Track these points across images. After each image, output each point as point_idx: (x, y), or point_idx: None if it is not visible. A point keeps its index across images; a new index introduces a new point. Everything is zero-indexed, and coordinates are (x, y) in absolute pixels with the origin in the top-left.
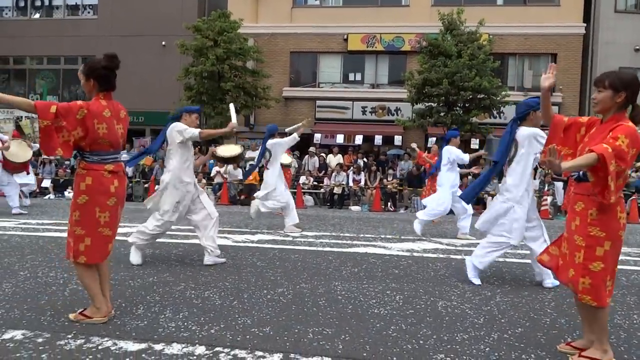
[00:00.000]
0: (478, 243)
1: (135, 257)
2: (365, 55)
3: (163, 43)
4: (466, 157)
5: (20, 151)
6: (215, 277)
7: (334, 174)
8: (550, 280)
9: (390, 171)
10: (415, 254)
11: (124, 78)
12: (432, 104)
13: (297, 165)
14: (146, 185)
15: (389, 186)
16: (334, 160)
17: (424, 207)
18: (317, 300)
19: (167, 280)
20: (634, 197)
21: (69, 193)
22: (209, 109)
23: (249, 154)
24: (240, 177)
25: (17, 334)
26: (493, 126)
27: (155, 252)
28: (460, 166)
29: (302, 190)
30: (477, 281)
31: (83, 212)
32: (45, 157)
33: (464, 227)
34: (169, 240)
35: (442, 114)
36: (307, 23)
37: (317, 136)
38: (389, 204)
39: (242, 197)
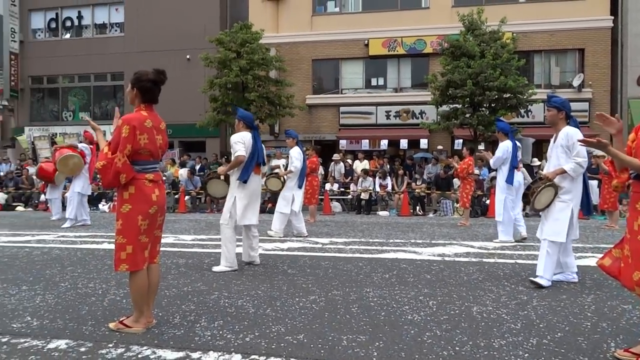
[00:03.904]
0: (514, 246)
1: None
2: (387, 59)
3: (188, 57)
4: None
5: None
6: (248, 285)
7: (360, 180)
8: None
9: (418, 175)
10: (446, 259)
11: None
12: (457, 105)
13: (323, 172)
14: (177, 196)
15: (417, 190)
16: (359, 165)
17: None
18: (350, 307)
19: (201, 290)
20: None
21: (102, 206)
22: (234, 120)
23: (274, 162)
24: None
25: (61, 344)
26: (521, 125)
27: (189, 262)
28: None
29: (329, 197)
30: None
31: (126, 220)
32: None
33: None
34: (200, 250)
35: (467, 115)
36: (328, 30)
37: (342, 142)
38: (418, 208)
39: (269, 205)
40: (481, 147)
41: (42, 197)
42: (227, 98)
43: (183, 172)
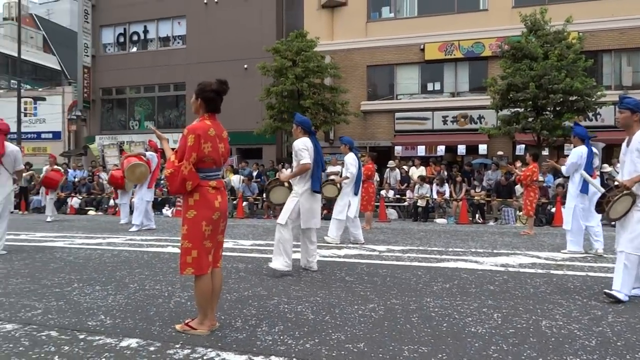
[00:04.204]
0: (584, 257)
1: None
2: (444, 63)
3: (245, 66)
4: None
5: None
6: (306, 291)
7: (416, 187)
8: None
9: (477, 182)
10: (510, 269)
11: None
12: (519, 109)
13: (378, 179)
14: (235, 202)
15: (476, 197)
16: (416, 172)
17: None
18: (410, 316)
19: (261, 294)
20: None
21: (166, 210)
22: (291, 126)
23: (329, 168)
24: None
25: (132, 342)
26: (590, 129)
27: (248, 267)
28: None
29: (385, 204)
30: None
31: (191, 226)
32: None
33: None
34: (259, 255)
35: (530, 119)
36: (383, 36)
37: (398, 148)
38: (477, 215)
39: (325, 212)
40: (545, 152)
41: (111, 202)
42: (283, 105)
43: (235, 179)
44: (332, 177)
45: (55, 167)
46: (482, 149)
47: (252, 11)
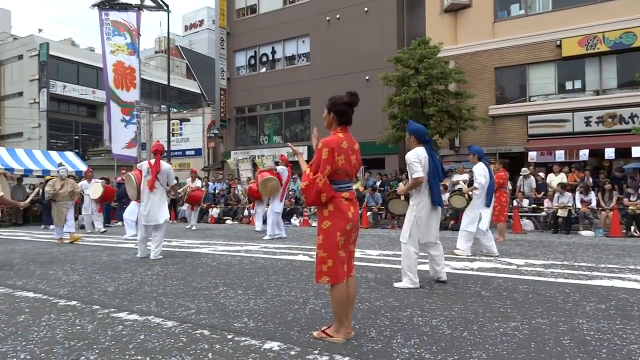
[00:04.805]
0: None
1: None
2: (585, 59)
3: (367, 77)
4: None
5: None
6: (440, 305)
7: (556, 195)
8: None
9: (631, 189)
10: None
11: None
12: None
13: (511, 187)
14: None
15: (630, 207)
16: (555, 179)
17: None
18: (560, 338)
19: (393, 306)
20: None
21: (294, 220)
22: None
23: (455, 177)
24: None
25: (274, 345)
26: None
27: (377, 277)
28: None
29: (520, 214)
30: None
31: (326, 236)
32: None
33: None
34: (387, 266)
35: None
36: (512, 35)
37: (532, 154)
38: (633, 228)
39: (452, 222)
40: None
41: (245, 212)
42: (405, 115)
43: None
44: (458, 186)
45: (198, 181)
46: (636, 151)
47: (372, 22)
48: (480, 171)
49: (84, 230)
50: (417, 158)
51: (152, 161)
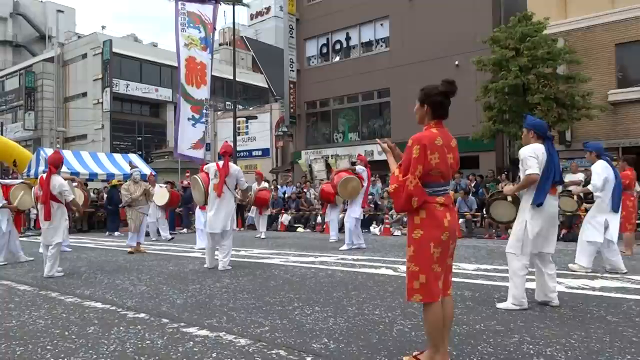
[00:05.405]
0: None
1: None
2: None
3: (456, 63)
4: None
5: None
6: (555, 331)
7: None
8: None
9: None
10: None
11: None
12: None
13: (638, 189)
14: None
15: None
16: None
17: None
18: None
19: (496, 330)
20: None
21: (373, 228)
22: (515, 128)
23: (568, 177)
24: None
25: None
26: None
27: (475, 295)
28: None
29: None
30: None
31: (417, 247)
32: None
33: None
34: (486, 282)
35: None
36: (637, 4)
37: None
38: None
39: (564, 231)
40: None
41: (319, 219)
42: (504, 104)
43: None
44: (570, 187)
45: (264, 183)
46: None
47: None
48: (600, 170)
49: (149, 238)
50: (533, 153)
51: (221, 163)
